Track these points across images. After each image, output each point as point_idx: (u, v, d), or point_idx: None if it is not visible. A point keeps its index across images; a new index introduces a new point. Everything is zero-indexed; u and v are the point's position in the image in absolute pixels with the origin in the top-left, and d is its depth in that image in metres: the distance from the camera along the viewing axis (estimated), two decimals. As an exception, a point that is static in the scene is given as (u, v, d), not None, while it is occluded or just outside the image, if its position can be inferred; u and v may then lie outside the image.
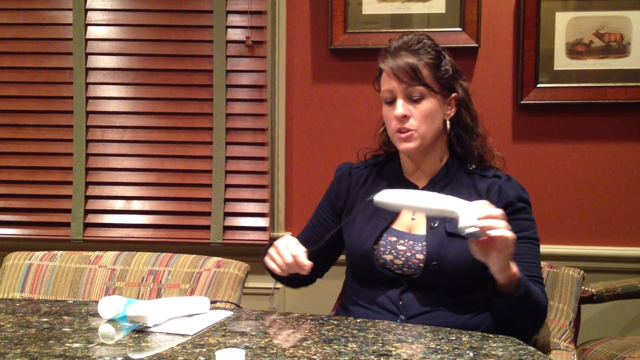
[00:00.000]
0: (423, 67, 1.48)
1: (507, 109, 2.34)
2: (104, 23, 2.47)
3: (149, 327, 1.25)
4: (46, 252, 1.77)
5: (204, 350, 1.14)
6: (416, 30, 2.27)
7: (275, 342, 1.22)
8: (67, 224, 2.47)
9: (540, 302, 1.41)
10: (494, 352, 1.14)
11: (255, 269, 1.77)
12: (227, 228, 2.44)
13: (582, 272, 1.66)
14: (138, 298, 1.66)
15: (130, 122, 2.48)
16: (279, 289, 2.43)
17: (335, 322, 1.33)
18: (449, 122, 1.54)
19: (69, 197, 2.47)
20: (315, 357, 1.10)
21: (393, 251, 1.47)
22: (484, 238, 1.25)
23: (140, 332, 1.24)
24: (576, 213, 2.33)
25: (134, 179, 2.48)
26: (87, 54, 2.47)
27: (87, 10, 2.46)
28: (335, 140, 2.41)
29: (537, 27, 2.27)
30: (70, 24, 2.46)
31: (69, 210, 2.47)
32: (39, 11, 2.49)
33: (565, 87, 2.29)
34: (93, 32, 2.47)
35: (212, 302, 1.45)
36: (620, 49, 2.27)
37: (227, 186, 2.45)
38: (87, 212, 2.48)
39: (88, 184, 2.48)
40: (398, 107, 1.48)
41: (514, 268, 1.33)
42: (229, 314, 1.40)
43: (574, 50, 2.28)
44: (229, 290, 1.65)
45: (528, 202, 1.51)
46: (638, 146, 2.31)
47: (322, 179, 2.30)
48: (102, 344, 1.20)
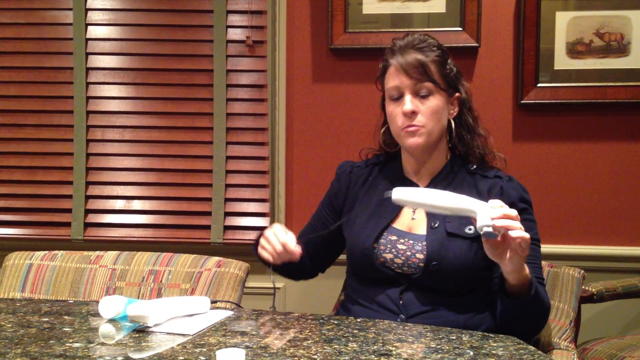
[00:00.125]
0: (431, 63, 1.48)
1: (507, 109, 2.34)
2: (105, 23, 2.47)
3: (150, 327, 1.26)
4: (47, 251, 1.77)
5: (205, 350, 1.14)
6: (417, 29, 2.27)
7: (276, 341, 1.22)
8: (68, 224, 2.47)
9: (546, 303, 1.41)
10: (494, 352, 1.14)
11: (255, 268, 1.77)
12: (227, 228, 2.44)
13: (583, 271, 1.66)
14: (138, 298, 1.66)
15: (131, 122, 2.48)
16: (279, 288, 2.43)
17: (336, 322, 1.33)
18: (453, 122, 1.54)
19: (70, 196, 2.48)
20: (315, 357, 1.10)
21: (393, 250, 1.47)
22: (499, 238, 1.25)
23: (141, 331, 1.24)
24: (576, 212, 2.33)
25: (135, 179, 2.48)
26: (88, 54, 2.47)
27: (87, 10, 2.46)
28: (336, 139, 2.41)
29: (537, 26, 2.27)
30: (70, 24, 2.46)
31: (69, 210, 2.47)
32: (40, 11, 2.49)
33: (566, 86, 2.29)
34: (93, 31, 2.47)
35: (213, 302, 1.45)
36: (621, 48, 2.27)
37: (228, 186, 2.45)
38: (88, 211, 2.48)
39: (88, 183, 2.48)
40: (407, 103, 1.47)
41: (526, 269, 1.33)
42: (230, 313, 1.40)
43: (574, 50, 2.28)
44: (229, 290, 1.65)
45: (530, 202, 1.51)
46: (638, 146, 2.31)
47: (322, 179, 2.30)
48: (103, 344, 1.20)
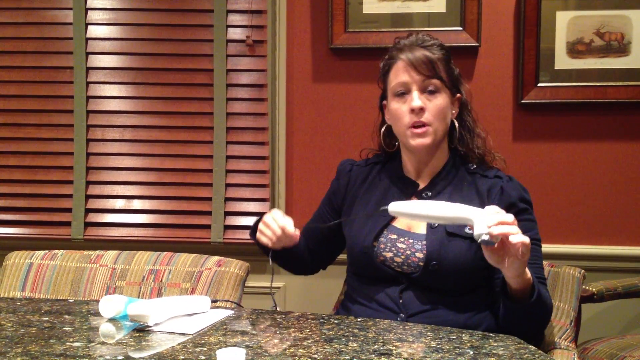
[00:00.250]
0: (438, 61, 1.49)
1: (508, 108, 2.34)
2: (105, 22, 2.47)
3: (150, 326, 1.26)
4: (47, 251, 1.77)
5: (205, 349, 1.14)
6: (417, 29, 2.27)
7: (276, 341, 1.22)
8: (68, 223, 2.47)
9: (548, 305, 1.41)
10: (494, 351, 1.14)
11: (255, 268, 1.77)
12: (227, 227, 2.44)
13: (583, 271, 1.66)
14: (139, 297, 1.66)
15: (131, 121, 2.48)
16: (279, 288, 2.43)
17: (336, 321, 1.33)
18: (456, 122, 1.55)
19: (70, 196, 2.48)
20: (316, 356, 1.10)
21: (393, 249, 1.47)
22: (498, 245, 1.25)
23: (141, 331, 1.24)
24: (576, 212, 2.33)
25: (135, 178, 2.48)
26: (88, 53, 2.47)
27: (87, 10, 2.46)
28: (336, 139, 2.41)
29: (537, 26, 2.27)
30: (70, 23, 2.46)
31: (69, 210, 2.47)
32: (40, 10, 2.49)
33: (566, 86, 2.29)
34: (93, 31, 2.47)
35: (213, 301, 1.46)
36: (621, 48, 2.27)
37: (228, 185, 2.45)
38: (88, 211, 2.48)
39: (89, 183, 2.48)
40: (415, 99, 1.46)
41: (528, 273, 1.32)
42: (230, 313, 1.40)
43: (575, 50, 2.28)
44: (229, 290, 1.65)
45: (530, 203, 1.51)
46: (638, 145, 2.31)
47: (322, 178, 2.30)
48: (103, 343, 1.20)
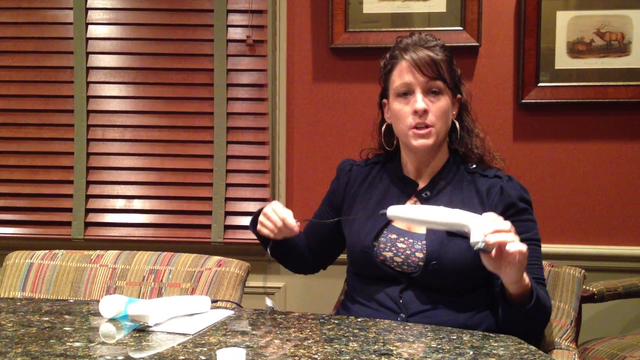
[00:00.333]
0: (442, 62, 1.48)
1: (508, 108, 2.34)
2: (105, 22, 2.47)
3: (150, 327, 1.26)
4: (47, 251, 1.77)
5: (205, 349, 1.14)
6: (418, 29, 2.26)
7: (276, 341, 1.22)
8: (68, 223, 2.47)
9: (547, 308, 1.41)
10: (495, 352, 1.14)
11: (256, 268, 1.77)
12: (228, 227, 2.44)
13: (583, 271, 1.66)
14: (139, 297, 1.66)
15: (131, 121, 2.48)
16: (279, 288, 2.43)
17: (336, 322, 1.33)
18: (457, 123, 1.55)
19: (70, 196, 2.48)
20: (316, 357, 1.10)
21: (393, 248, 1.47)
22: (495, 252, 1.24)
23: (141, 331, 1.24)
24: (577, 212, 2.33)
25: (135, 178, 2.48)
26: (88, 53, 2.46)
27: (87, 9, 2.46)
28: (336, 139, 2.41)
29: (538, 26, 2.27)
30: (71, 23, 2.46)
31: (69, 210, 2.47)
32: (40, 10, 2.49)
33: (566, 86, 2.29)
34: (94, 31, 2.47)
35: (213, 302, 1.45)
36: (621, 48, 2.27)
37: (228, 185, 2.45)
38: (88, 211, 2.48)
39: (89, 183, 2.48)
40: (419, 101, 1.46)
41: (526, 279, 1.32)
42: (230, 313, 1.40)
43: (575, 49, 2.28)
44: (229, 290, 1.65)
45: (530, 202, 1.51)
46: (639, 145, 2.31)
47: (322, 178, 2.30)
48: (103, 343, 1.20)
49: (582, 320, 1.75)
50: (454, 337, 1.22)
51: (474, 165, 1.55)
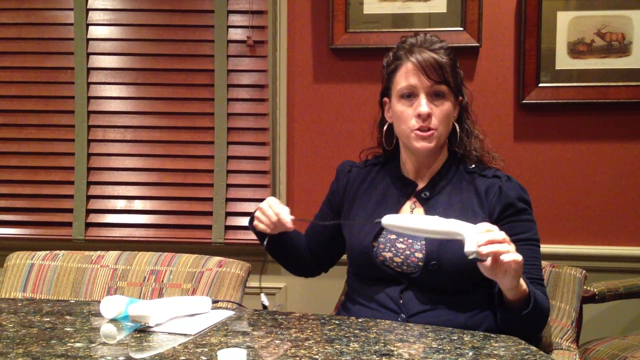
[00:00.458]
0: (446, 65, 1.47)
1: (509, 109, 2.34)
2: (106, 23, 2.47)
3: (151, 327, 1.26)
4: (48, 251, 1.77)
5: (206, 350, 1.14)
6: (418, 29, 2.27)
7: (277, 341, 1.22)
8: (69, 224, 2.47)
9: (545, 310, 1.41)
10: (495, 352, 1.14)
11: (256, 268, 1.77)
12: (228, 228, 2.44)
13: (584, 271, 1.66)
14: (140, 298, 1.66)
15: (132, 122, 2.48)
16: (280, 288, 2.43)
17: (337, 322, 1.33)
18: (457, 125, 1.55)
19: (71, 196, 2.48)
20: (317, 357, 1.10)
21: (392, 249, 1.47)
22: (488, 262, 1.25)
23: (142, 331, 1.24)
24: (578, 212, 2.33)
25: (136, 179, 2.48)
26: (89, 54, 2.47)
27: (88, 10, 2.46)
28: (337, 139, 2.41)
29: (538, 26, 2.27)
30: (71, 24, 2.46)
31: (70, 210, 2.47)
32: (41, 11, 2.49)
33: (567, 86, 2.29)
34: (94, 31, 2.47)
35: (214, 302, 1.45)
36: (622, 48, 2.27)
37: (229, 186, 2.45)
38: (89, 211, 2.48)
39: (90, 183, 2.48)
40: (423, 105, 1.45)
41: (524, 285, 1.32)
42: (231, 313, 1.40)
43: (576, 50, 2.28)
44: (230, 290, 1.65)
45: (529, 202, 1.50)
46: (639, 145, 2.31)
47: (323, 179, 2.30)
48: (104, 344, 1.20)
49: (583, 320, 1.74)
50: (455, 338, 1.22)
51: (473, 165, 1.55)
